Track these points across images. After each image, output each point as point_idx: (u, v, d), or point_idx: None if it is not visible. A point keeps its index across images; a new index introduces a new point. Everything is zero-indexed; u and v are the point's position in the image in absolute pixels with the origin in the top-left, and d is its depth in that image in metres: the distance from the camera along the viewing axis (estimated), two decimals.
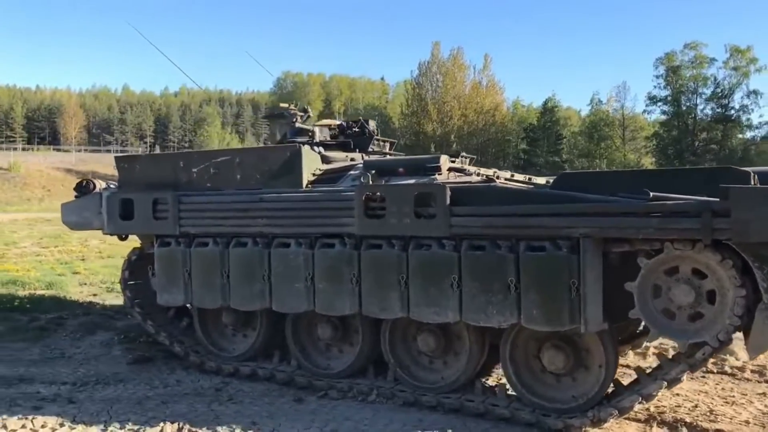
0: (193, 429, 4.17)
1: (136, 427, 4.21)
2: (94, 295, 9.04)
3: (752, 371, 5.56)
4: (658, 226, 3.68)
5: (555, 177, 4.54)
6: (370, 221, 4.57)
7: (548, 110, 49.51)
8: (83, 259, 13.64)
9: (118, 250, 15.00)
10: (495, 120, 49.55)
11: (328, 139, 6.41)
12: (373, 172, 4.88)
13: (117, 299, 8.73)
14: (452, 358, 4.76)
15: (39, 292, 9.04)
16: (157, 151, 73.81)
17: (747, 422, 4.38)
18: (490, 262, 4.18)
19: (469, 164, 5.94)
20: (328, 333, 5.10)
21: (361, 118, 6.91)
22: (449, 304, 4.29)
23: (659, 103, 48.72)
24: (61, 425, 4.23)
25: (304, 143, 5.98)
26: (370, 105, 63.79)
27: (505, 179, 5.11)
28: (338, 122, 6.78)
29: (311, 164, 5.24)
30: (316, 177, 5.22)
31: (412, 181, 4.75)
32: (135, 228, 5.64)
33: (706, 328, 3.73)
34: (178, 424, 4.22)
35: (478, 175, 4.95)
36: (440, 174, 4.84)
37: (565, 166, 45.21)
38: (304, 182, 5.09)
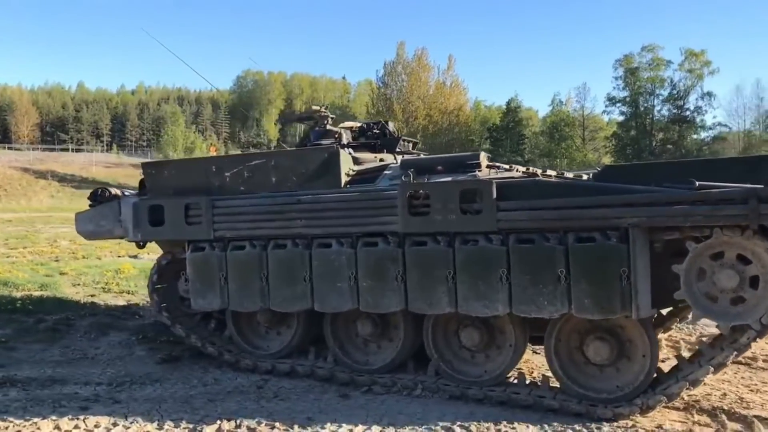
0: (252, 426, 4.17)
1: (191, 425, 4.18)
2: (92, 295, 8.85)
3: (764, 360, 5.82)
4: (706, 213, 3.86)
5: (594, 171, 4.69)
6: (414, 219, 4.64)
7: (511, 110, 50.27)
8: (57, 260, 13.31)
9: (92, 251, 14.74)
10: (459, 120, 50.13)
11: (351, 140, 6.44)
12: (413, 170, 4.94)
13: (116, 300, 8.62)
14: (494, 351, 4.87)
15: (34, 293, 8.81)
16: (115, 150, 72.24)
17: None
18: (539, 254, 4.29)
19: None
20: (369, 329, 5.15)
21: (381, 120, 6.97)
22: (499, 297, 4.39)
23: (618, 104, 50.23)
24: (114, 425, 4.18)
25: (330, 145, 6.02)
26: (334, 104, 63.56)
27: (541, 174, 5.24)
28: (358, 124, 6.82)
29: (346, 165, 5.28)
30: (350, 178, 5.26)
31: (448, 179, 4.83)
32: (166, 234, 5.56)
33: (749, 312, 3.90)
34: (235, 422, 4.22)
35: (516, 171, 5.07)
36: (480, 170, 4.95)
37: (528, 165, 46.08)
38: (342, 183, 5.12)
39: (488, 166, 5.08)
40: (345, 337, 5.32)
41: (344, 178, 5.17)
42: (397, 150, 6.40)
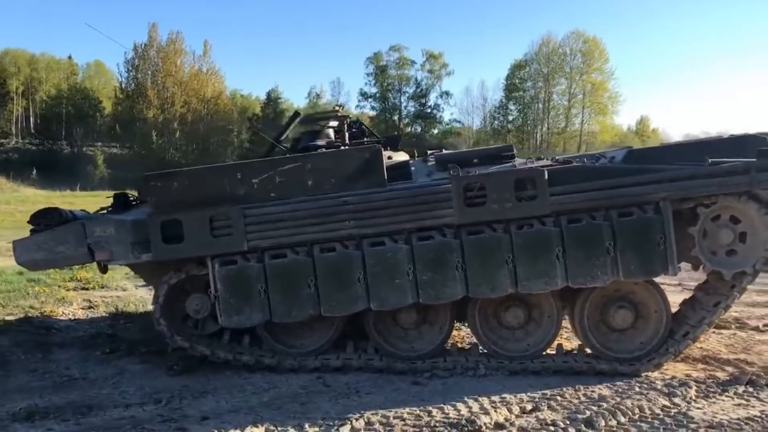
0: (383, 420, 4.11)
1: (315, 429, 3.99)
2: None
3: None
4: (719, 184, 4.83)
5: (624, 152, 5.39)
6: (471, 209, 4.92)
7: (272, 101, 50.50)
8: None
9: None
10: (218, 108, 48.98)
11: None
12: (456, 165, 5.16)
13: None
14: (533, 326, 5.35)
15: None
16: None
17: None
18: (589, 231, 4.89)
19: None
20: (413, 318, 5.28)
21: (357, 118, 6.97)
22: (557, 273, 4.90)
23: (370, 99, 53.53)
24: None
25: (324, 146, 5.94)
26: (72, 87, 57.17)
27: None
28: (336, 123, 6.72)
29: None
30: None
31: (497, 169, 5.19)
32: (187, 251, 4.98)
33: (745, 260, 4.95)
34: (363, 419, 4.11)
35: (545, 159, 5.60)
36: (515, 160, 5.40)
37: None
38: (386, 182, 5.13)
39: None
40: (385, 327, 5.36)
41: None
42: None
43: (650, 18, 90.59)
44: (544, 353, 5.28)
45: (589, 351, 5.29)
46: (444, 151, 6.20)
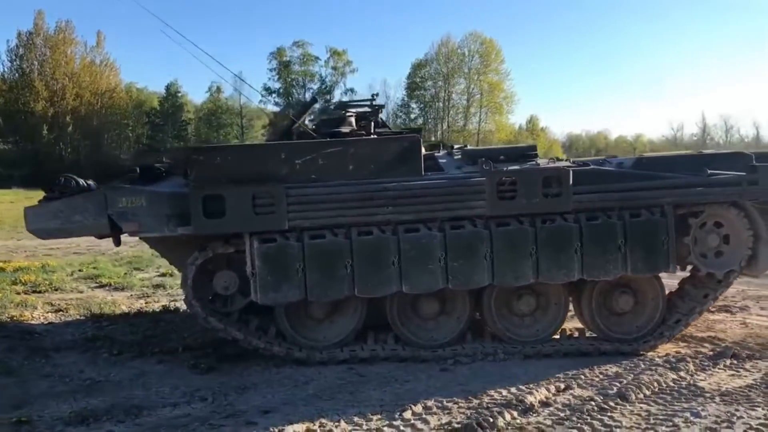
0: (439, 405, 4.29)
1: (378, 416, 4.12)
2: None
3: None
4: (716, 193, 5.39)
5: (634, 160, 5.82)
6: (502, 202, 5.21)
7: (171, 95, 48.72)
8: None
9: None
10: (113, 102, 46.74)
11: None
12: (484, 159, 5.42)
13: None
14: (540, 313, 5.71)
15: None
16: None
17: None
18: (605, 229, 5.30)
19: None
20: (436, 307, 5.50)
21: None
22: (575, 266, 5.27)
23: (273, 95, 52.80)
24: (323, 426, 3.94)
25: (348, 133, 6.03)
26: None
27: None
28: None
29: None
30: None
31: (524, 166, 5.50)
32: (228, 226, 4.99)
33: (732, 260, 5.56)
34: (422, 404, 4.27)
35: (559, 160, 5.96)
36: (538, 159, 5.73)
37: None
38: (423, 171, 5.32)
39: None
40: (406, 317, 5.55)
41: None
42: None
43: (538, 19, 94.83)
44: (551, 338, 5.66)
45: (588, 334, 5.74)
46: (468, 147, 6.45)
